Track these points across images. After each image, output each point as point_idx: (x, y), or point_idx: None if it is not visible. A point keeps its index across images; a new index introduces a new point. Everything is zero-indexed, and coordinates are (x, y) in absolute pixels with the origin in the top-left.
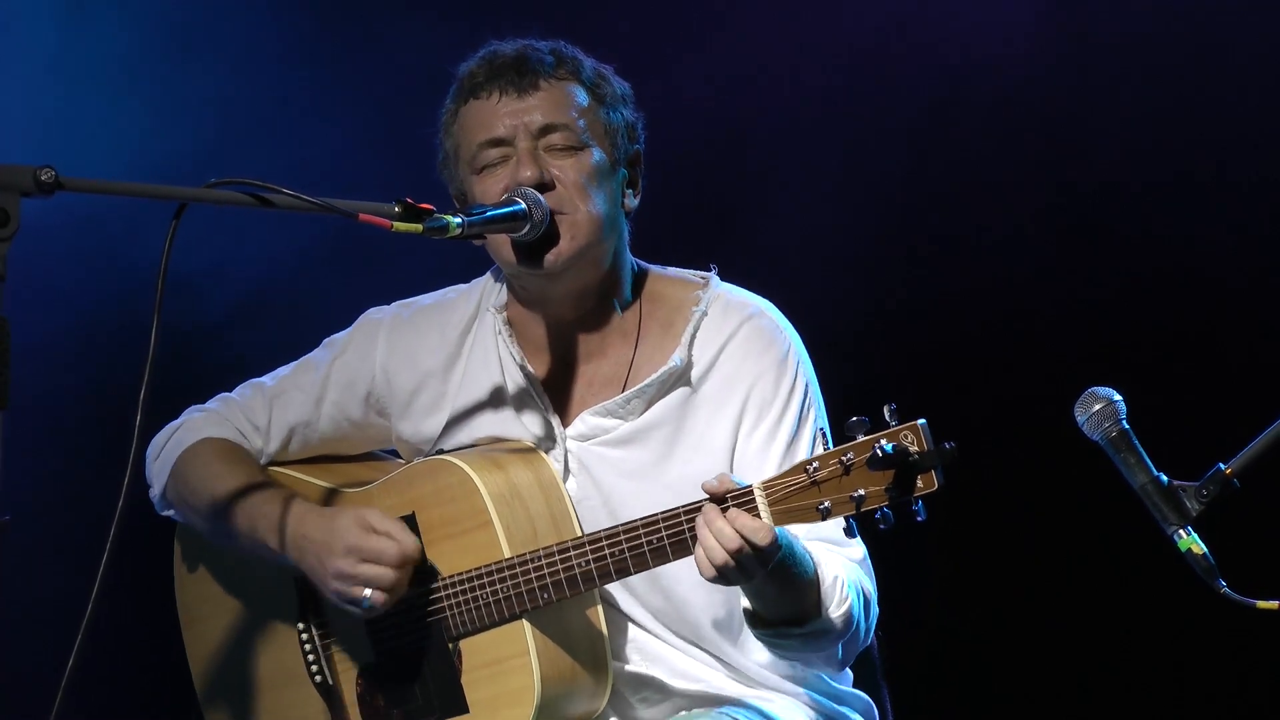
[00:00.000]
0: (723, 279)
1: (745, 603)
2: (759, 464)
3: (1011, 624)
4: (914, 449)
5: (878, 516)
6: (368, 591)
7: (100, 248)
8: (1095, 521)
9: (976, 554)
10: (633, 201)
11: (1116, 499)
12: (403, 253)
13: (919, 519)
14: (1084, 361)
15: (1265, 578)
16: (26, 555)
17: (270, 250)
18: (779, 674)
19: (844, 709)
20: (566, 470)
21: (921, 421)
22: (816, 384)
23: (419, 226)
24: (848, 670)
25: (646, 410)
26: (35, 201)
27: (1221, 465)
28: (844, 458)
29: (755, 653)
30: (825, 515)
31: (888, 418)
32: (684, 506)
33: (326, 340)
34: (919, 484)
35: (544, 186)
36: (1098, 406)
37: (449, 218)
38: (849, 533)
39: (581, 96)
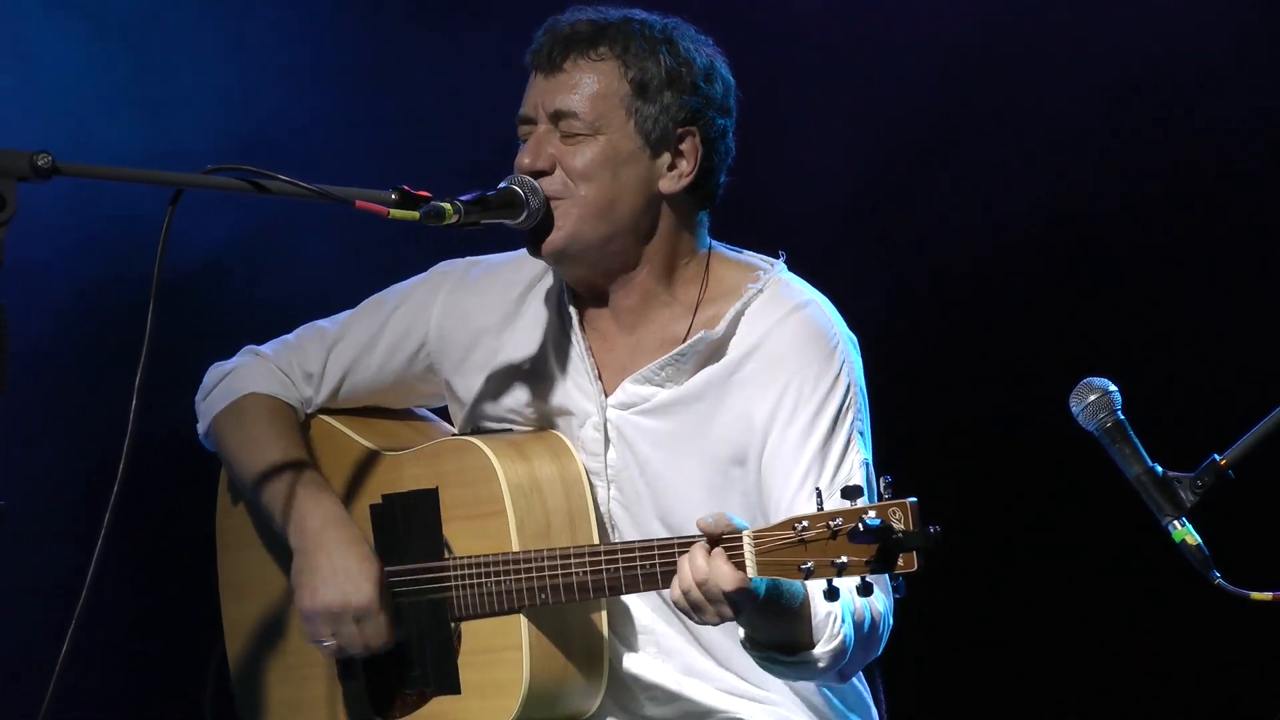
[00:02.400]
0: None
1: (739, 629)
2: (793, 461)
3: (1005, 616)
4: (899, 527)
5: (857, 586)
6: (328, 643)
7: (99, 231)
8: (1089, 512)
9: (970, 545)
10: (678, 183)
11: (1111, 490)
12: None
13: (897, 595)
14: (1079, 352)
15: (1259, 569)
16: (24, 541)
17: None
18: (780, 684)
19: (853, 715)
20: (607, 440)
21: (913, 500)
22: (863, 385)
23: (415, 214)
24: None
25: (686, 381)
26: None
27: (1216, 456)
28: (832, 522)
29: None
30: (808, 575)
31: (881, 489)
32: (679, 538)
33: (393, 286)
34: (900, 562)
35: (536, 172)
36: (1093, 397)
37: (445, 205)
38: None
39: (609, 81)
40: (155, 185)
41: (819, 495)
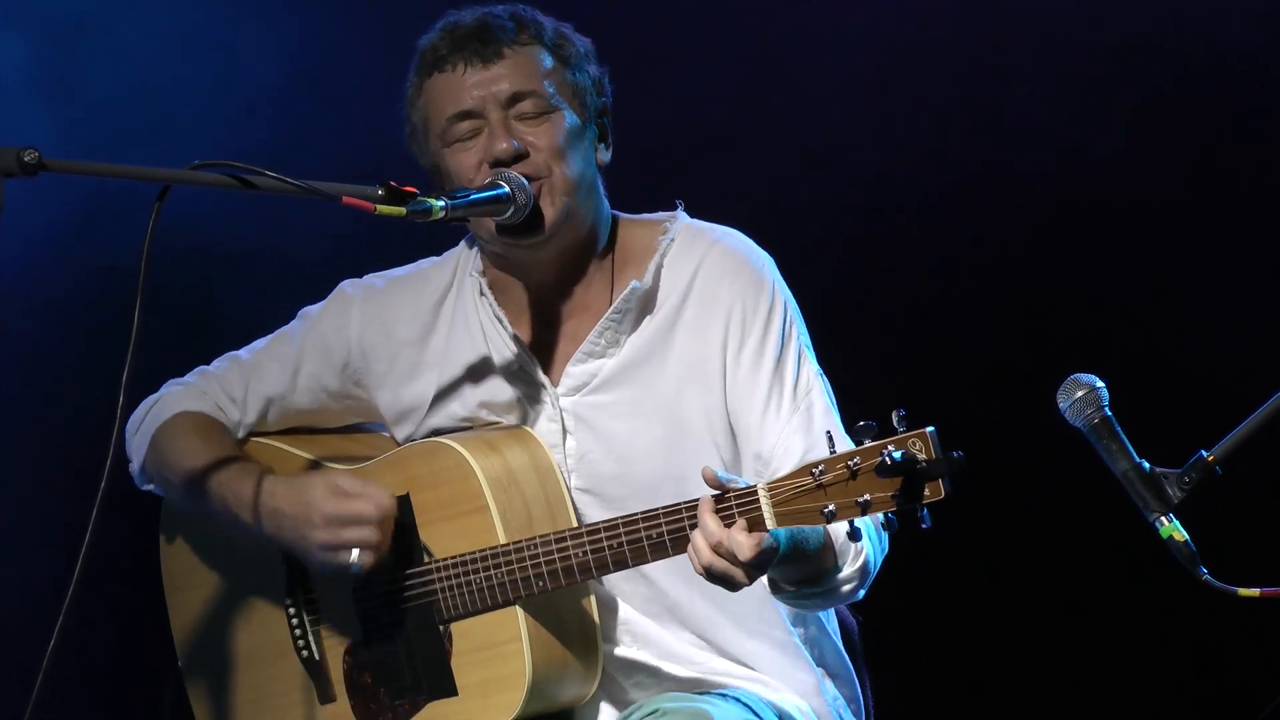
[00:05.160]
0: None
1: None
2: (750, 387)
3: (992, 611)
4: (922, 457)
5: (882, 521)
6: (355, 554)
7: (81, 228)
8: (1076, 508)
9: (957, 541)
10: (606, 156)
11: (1098, 486)
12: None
13: (924, 526)
14: (1066, 348)
15: (1247, 565)
16: (9, 540)
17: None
18: (767, 655)
19: (834, 684)
20: (564, 430)
21: (930, 429)
22: (794, 300)
23: (402, 210)
24: (836, 643)
25: (626, 343)
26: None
27: (1204, 452)
28: (850, 462)
29: (742, 636)
30: (830, 519)
31: (896, 424)
32: (685, 503)
33: (301, 312)
34: (926, 492)
35: (519, 156)
36: (1080, 393)
37: (432, 201)
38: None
39: (546, 60)
40: (141, 181)
41: (830, 439)
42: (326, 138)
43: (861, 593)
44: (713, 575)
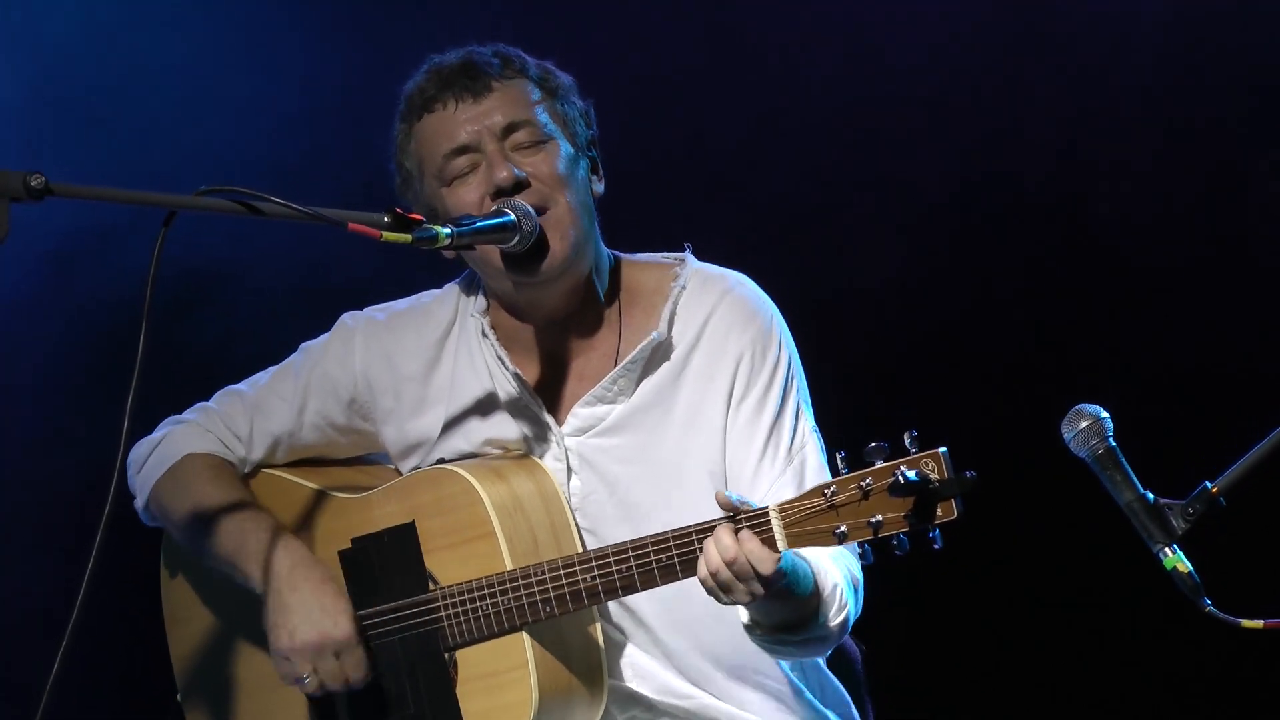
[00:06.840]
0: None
1: (743, 615)
2: (747, 438)
3: (996, 640)
4: (935, 477)
5: (893, 543)
6: (308, 679)
7: (84, 248)
8: (1080, 538)
9: (962, 569)
10: (599, 187)
11: (1102, 516)
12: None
13: (936, 547)
14: (1071, 378)
15: (1250, 596)
16: (14, 558)
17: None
18: (760, 703)
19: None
20: (569, 470)
21: (943, 450)
22: (797, 354)
23: (408, 237)
24: (835, 680)
25: (635, 391)
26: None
27: (1208, 484)
28: (863, 483)
29: (736, 685)
30: (841, 539)
31: (908, 445)
32: (696, 525)
33: (303, 346)
34: (938, 512)
35: (520, 185)
36: (1084, 424)
37: (438, 228)
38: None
39: (534, 92)
40: (148, 206)
41: (840, 460)
42: (333, 162)
43: (827, 651)
44: (715, 582)
